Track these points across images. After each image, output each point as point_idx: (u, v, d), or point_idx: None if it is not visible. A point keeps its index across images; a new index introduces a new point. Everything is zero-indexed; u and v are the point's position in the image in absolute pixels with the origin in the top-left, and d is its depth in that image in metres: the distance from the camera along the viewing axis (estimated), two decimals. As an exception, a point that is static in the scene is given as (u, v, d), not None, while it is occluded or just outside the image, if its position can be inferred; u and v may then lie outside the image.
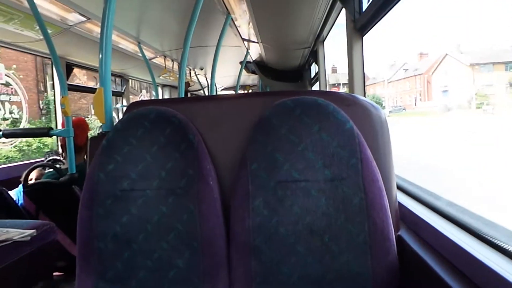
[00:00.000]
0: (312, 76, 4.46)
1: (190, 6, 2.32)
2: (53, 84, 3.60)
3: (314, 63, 4.08)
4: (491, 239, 0.76)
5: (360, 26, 1.78)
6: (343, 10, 1.97)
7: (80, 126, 2.56)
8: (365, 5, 1.74)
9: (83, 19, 2.79)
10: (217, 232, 0.97)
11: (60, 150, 2.94)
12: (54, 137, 3.30)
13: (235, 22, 3.28)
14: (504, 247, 0.72)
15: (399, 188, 1.25)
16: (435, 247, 0.87)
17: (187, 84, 5.69)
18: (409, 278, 0.92)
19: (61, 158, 2.95)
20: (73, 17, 2.76)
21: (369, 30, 1.75)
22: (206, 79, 6.97)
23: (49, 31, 2.44)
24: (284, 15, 2.65)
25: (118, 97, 5.35)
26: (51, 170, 2.47)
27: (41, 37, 2.61)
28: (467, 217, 0.89)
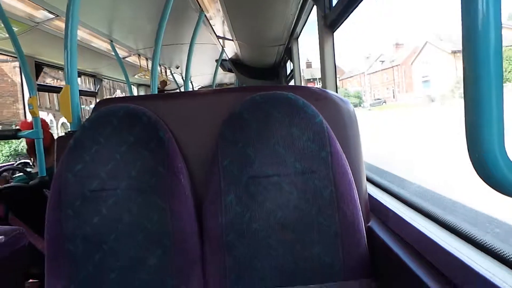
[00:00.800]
0: (288, 73, 4.49)
1: (162, 3, 2.30)
2: (21, 84, 3.47)
3: (289, 60, 4.11)
4: (454, 226, 0.79)
5: (330, 22, 1.81)
6: (315, 6, 1.99)
7: (42, 127, 2.47)
8: (334, 1, 1.77)
9: (51, 16, 2.70)
10: (190, 229, 0.97)
11: (28, 154, 2.84)
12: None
13: (210, 20, 3.26)
14: (466, 233, 0.74)
15: (369, 180, 1.29)
16: (403, 236, 0.89)
17: (164, 83, 5.60)
18: (379, 267, 0.94)
19: (30, 162, 2.85)
20: (41, 14, 2.67)
21: (339, 26, 1.78)
22: (182, 77, 6.90)
23: (15, 29, 2.36)
24: (258, 12, 2.66)
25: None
26: (21, 174, 2.39)
27: (6, 35, 2.51)
28: (429, 204, 0.92)
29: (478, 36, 0.40)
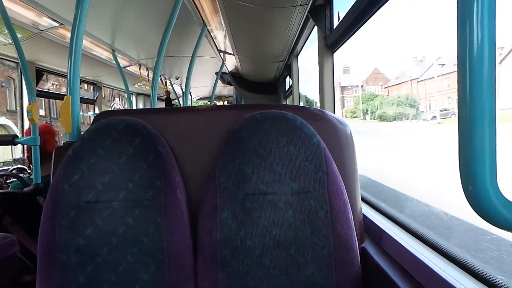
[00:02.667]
0: (286, 89, 4.53)
1: (166, 15, 2.33)
2: (21, 90, 3.47)
3: (288, 76, 4.15)
4: (448, 252, 0.80)
5: (330, 43, 1.84)
6: (316, 27, 2.03)
7: (48, 132, 2.47)
8: (335, 23, 1.81)
9: (56, 24, 2.74)
10: (184, 244, 0.97)
11: (27, 159, 2.83)
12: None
13: (211, 34, 3.31)
14: (460, 260, 0.75)
15: (364, 200, 1.30)
16: (396, 259, 0.90)
17: (168, 93, 5.62)
18: None
19: (27, 168, 2.84)
20: (45, 22, 2.71)
21: (339, 47, 1.82)
22: (182, 89, 6.94)
23: (19, 35, 2.38)
24: (260, 28, 2.70)
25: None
26: (15, 179, 2.38)
27: (10, 41, 2.53)
28: (425, 229, 0.93)
29: (473, 73, 0.43)
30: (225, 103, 9.10)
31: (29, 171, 2.73)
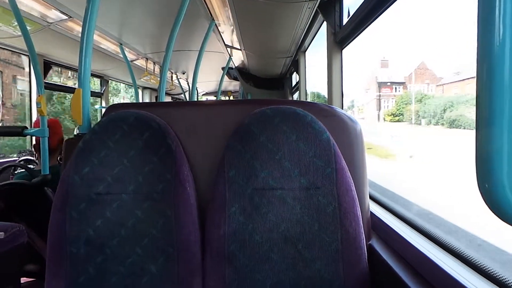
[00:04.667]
0: (293, 85, 4.52)
1: (174, 10, 2.33)
2: (29, 82, 3.49)
3: (295, 72, 4.14)
4: (455, 249, 0.80)
5: (340, 39, 1.83)
6: (325, 22, 2.02)
7: (53, 127, 2.49)
8: (345, 20, 1.80)
9: (64, 17, 2.75)
10: (193, 238, 0.97)
11: (34, 150, 2.85)
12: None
13: (219, 28, 3.30)
14: (467, 257, 0.75)
15: (372, 198, 1.29)
16: (403, 256, 0.90)
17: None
18: (378, 285, 0.95)
19: (35, 159, 2.86)
20: (54, 15, 2.72)
21: (348, 44, 1.81)
22: (188, 83, 6.94)
23: (28, 28, 2.39)
24: (268, 24, 2.69)
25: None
26: (23, 170, 2.40)
27: (19, 33, 2.55)
28: (433, 227, 0.93)
29: (492, 70, 0.42)
30: (231, 98, 9.11)
31: (36, 161, 2.75)
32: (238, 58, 4.53)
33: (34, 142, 2.58)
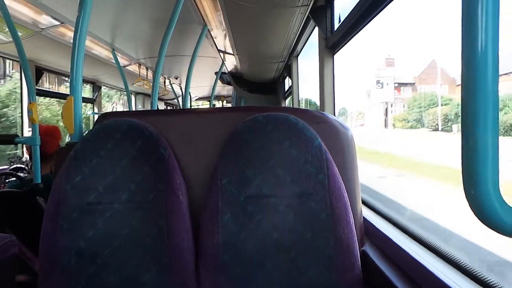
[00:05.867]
0: (286, 89, 4.54)
1: (167, 15, 2.33)
2: (21, 89, 3.47)
3: (288, 77, 4.16)
4: (449, 255, 0.81)
5: (331, 44, 1.85)
6: (317, 27, 2.04)
7: (51, 133, 2.46)
8: (336, 25, 1.82)
9: (56, 23, 2.74)
10: (186, 247, 0.97)
11: (26, 158, 2.82)
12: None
13: (211, 33, 3.31)
14: (461, 263, 0.76)
15: (364, 203, 1.30)
16: (397, 262, 0.91)
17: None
18: None
19: (27, 168, 2.83)
20: (46, 20, 2.71)
21: (339, 49, 1.83)
22: (181, 88, 6.93)
23: (20, 34, 2.38)
24: (260, 29, 2.70)
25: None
26: (14, 179, 2.37)
27: (10, 39, 2.53)
28: (426, 232, 0.94)
29: (477, 77, 0.43)
30: (224, 103, 9.11)
31: (27, 170, 2.71)
32: (231, 63, 4.53)
33: (27, 152, 2.54)
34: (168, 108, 9.47)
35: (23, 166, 2.92)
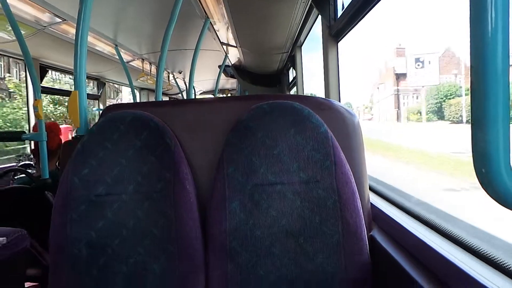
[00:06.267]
0: (290, 80, 4.51)
1: (169, 9, 2.33)
2: (26, 86, 3.49)
3: (291, 68, 4.13)
4: (455, 236, 0.80)
5: (335, 32, 1.83)
6: (320, 16, 2.02)
7: (53, 130, 2.49)
8: (340, 12, 1.80)
9: (58, 20, 2.74)
10: (194, 235, 0.98)
11: (33, 155, 2.84)
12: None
13: (214, 26, 3.30)
14: (470, 245, 0.76)
15: (371, 189, 1.30)
16: (405, 246, 0.91)
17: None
18: (381, 276, 0.95)
19: (33, 164, 2.85)
20: (48, 18, 2.71)
21: (343, 37, 1.81)
22: (185, 82, 6.93)
23: (23, 32, 2.39)
24: (263, 20, 2.68)
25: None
26: (23, 175, 2.40)
27: (14, 38, 2.54)
28: (434, 216, 0.93)
29: (486, 55, 0.42)
30: (228, 96, 9.09)
31: (34, 166, 2.74)
32: (234, 55, 4.52)
33: (33, 147, 2.58)
34: (173, 103, 9.46)
35: (31, 163, 2.95)
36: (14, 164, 3.20)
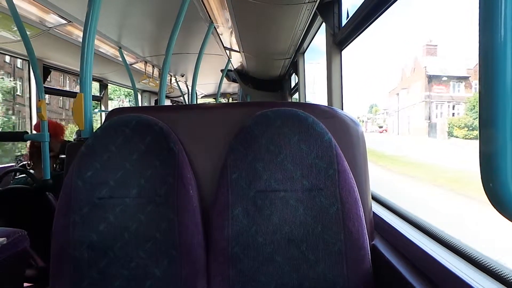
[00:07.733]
0: (292, 86, 4.52)
1: (173, 13, 2.34)
2: (29, 87, 3.49)
3: (294, 74, 4.14)
4: (459, 248, 0.80)
5: (339, 40, 1.84)
6: (324, 24, 2.03)
7: (55, 131, 2.48)
8: (344, 21, 1.81)
9: (64, 21, 2.75)
10: (196, 240, 0.98)
11: (29, 157, 2.82)
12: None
13: (218, 31, 3.31)
14: (469, 254, 0.76)
15: (374, 198, 1.30)
16: (407, 256, 0.91)
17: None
18: (382, 285, 0.95)
19: (27, 164, 2.85)
20: (53, 19, 2.72)
21: (347, 45, 1.82)
22: (187, 86, 6.94)
23: (28, 33, 2.40)
24: (266, 25, 2.69)
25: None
26: (22, 176, 2.39)
27: (19, 38, 2.55)
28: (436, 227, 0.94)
29: (495, 68, 0.43)
30: (230, 100, 9.11)
31: (28, 167, 2.72)
32: (237, 60, 4.53)
33: (29, 149, 2.54)
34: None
35: (25, 162, 2.95)
36: (13, 164, 3.19)
